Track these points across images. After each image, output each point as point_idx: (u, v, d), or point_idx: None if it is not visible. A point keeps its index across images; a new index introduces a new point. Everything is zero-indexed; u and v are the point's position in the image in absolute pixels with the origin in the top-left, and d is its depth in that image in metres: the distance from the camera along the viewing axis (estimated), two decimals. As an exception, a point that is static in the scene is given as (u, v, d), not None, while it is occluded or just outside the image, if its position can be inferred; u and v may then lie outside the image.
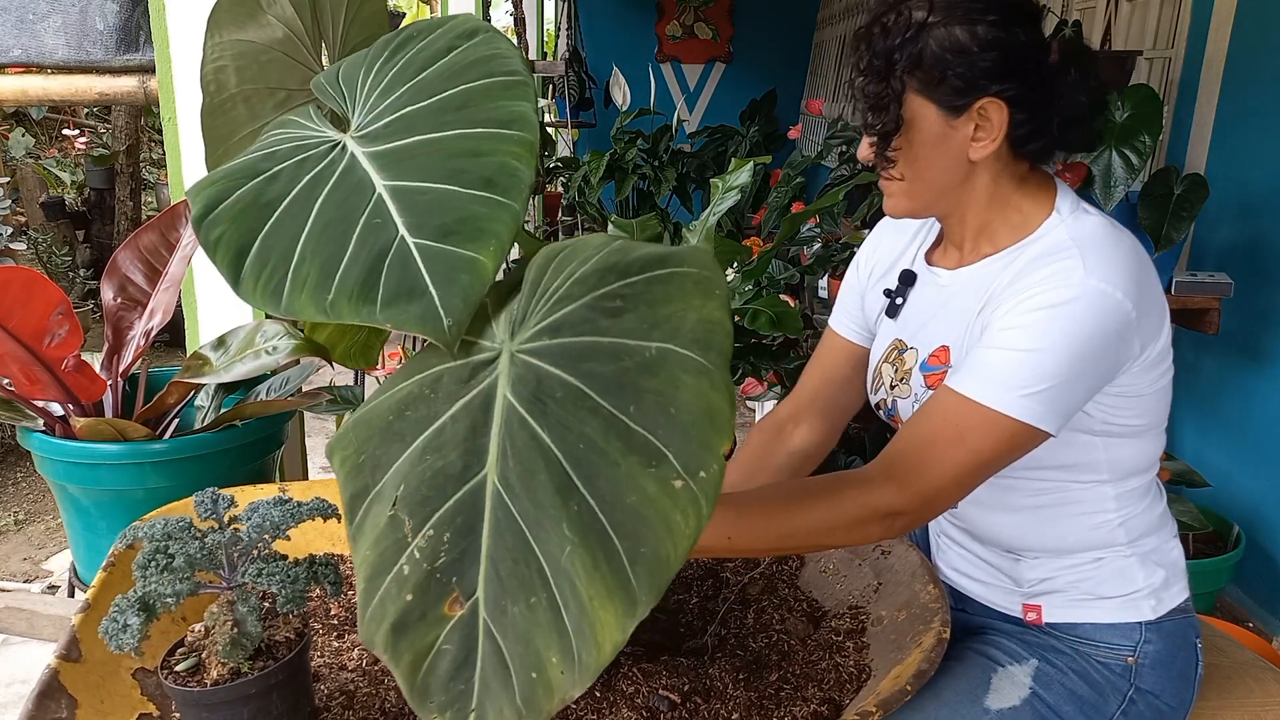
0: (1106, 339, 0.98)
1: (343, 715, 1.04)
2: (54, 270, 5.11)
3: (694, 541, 0.62)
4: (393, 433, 0.74)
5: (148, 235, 1.74)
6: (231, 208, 0.80)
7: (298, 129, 0.89)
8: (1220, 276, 2.33)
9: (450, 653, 0.65)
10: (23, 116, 6.97)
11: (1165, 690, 1.10)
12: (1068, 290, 0.97)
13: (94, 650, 1.03)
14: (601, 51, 6.75)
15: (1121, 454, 1.09)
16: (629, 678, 1.06)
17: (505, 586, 0.65)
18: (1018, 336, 0.97)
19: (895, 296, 1.21)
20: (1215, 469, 2.46)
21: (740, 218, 4.18)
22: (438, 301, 0.72)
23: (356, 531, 0.72)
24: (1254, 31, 2.41)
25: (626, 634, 0.61)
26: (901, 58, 1.00)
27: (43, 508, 3.28)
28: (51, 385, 1.57)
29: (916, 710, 1.03)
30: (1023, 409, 0.96)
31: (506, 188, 0.76)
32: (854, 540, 1.01)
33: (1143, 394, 1.06)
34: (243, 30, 1.15)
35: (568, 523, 0.64)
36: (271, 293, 0.75)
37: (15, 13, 1.99)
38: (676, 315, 0.69)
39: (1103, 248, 1.00)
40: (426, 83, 0.86)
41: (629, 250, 0.75)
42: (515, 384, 0.71)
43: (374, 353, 1.31)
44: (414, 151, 0.81)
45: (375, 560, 0.69)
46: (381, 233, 0.76)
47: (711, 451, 0.64)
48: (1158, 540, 1.13)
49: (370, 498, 0.73)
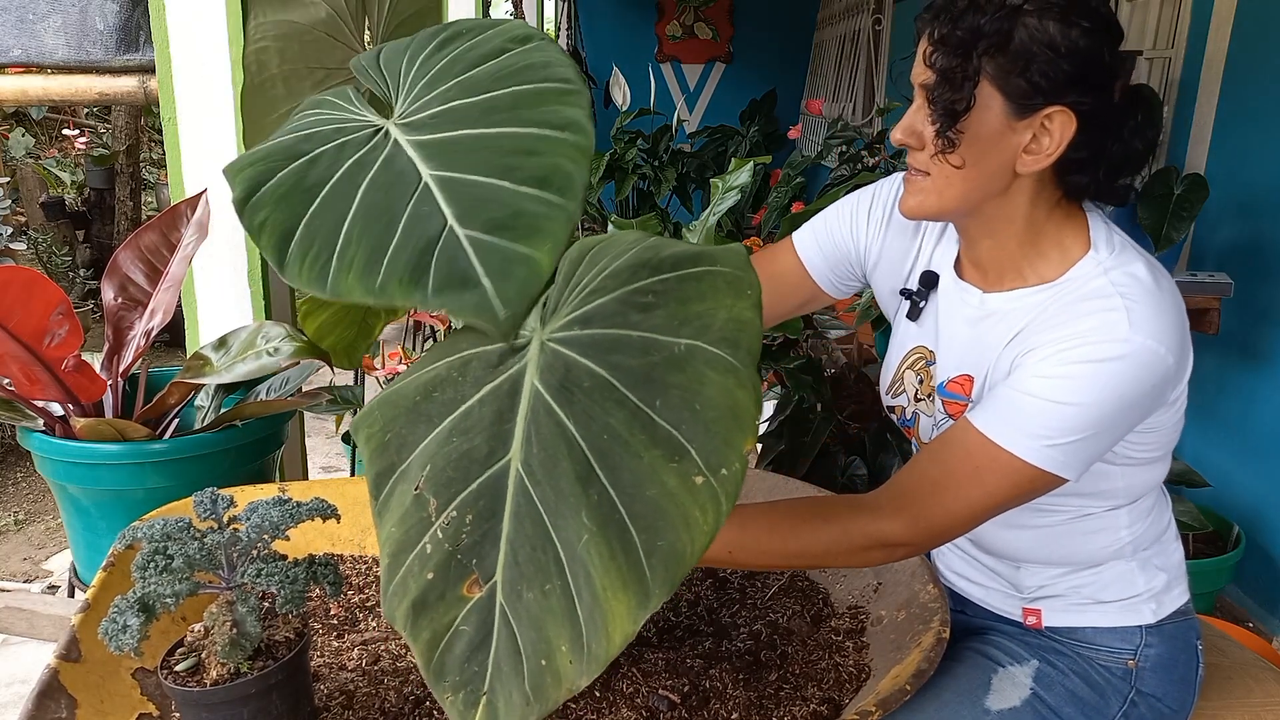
0: (1143, 394, 0.95)
1: (343, 715, 1.04)
2: (54, 270, 5.11)
3: (711, 538, 0.62)
4: (419, 413, 0.75)
5: (148, 235, 1.74)
6: (274, 191, 0.80)
7: (336, 110, 0.89)
8: (1220, 276, 2.33)
9: (467, 634, 0.66)
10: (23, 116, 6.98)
11: (1167, 693, 1.10)
12: (1114, 346, 0.93)
13: (94, 650, 1.03)
14: (601, 51, 6.75)
15: (1137, 480, 1.08)
16: (628, 678, 1.06)
17: (523, 572, 0.65)
18: (1055, 387, 0.93)
19: (917, 299, 1.16)
20: (1215, 469, 2.46)
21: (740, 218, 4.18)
22: (492, 293, 0.71)
23: (381, 508, 0.73)
24: (1254, 31, 2.41)
25: (637, 626, 0.61)
26: (989, 34, 0.93)
27: (43, 508, 3.28)
28: (51, 385, 1.57)
29: (916, 710, 1.03)
30: (1047, 458, 0.94)
31: (562, 188, 0.76)
32: (854, 563, 1.01)
33: (1163, 427, 1.04)
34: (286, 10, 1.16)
35: (587, 511, 0.64)
36: (318, 275, 0.75)
37: (15, 13, 1.99)
38: (707, 313, 0.69)
39: (1148, 298, 0.95)
40: (476, 80, 0.86)
41: (662, 247, 0.76)
42: (544, 371, 0.71)
43: (358, 353, 1.32)
44: (462, 144, 0.81)
45: (400, 537, 0.70)
46: (429, 221, 0.76)
47: (734, 449, 0.64)
48: (1160, 545, 1.13)
49: (396, 476, 0.73)
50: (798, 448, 1.95)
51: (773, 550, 0.97)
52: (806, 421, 1.96)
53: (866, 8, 5.53)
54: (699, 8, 6.95)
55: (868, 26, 5.50)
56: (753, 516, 0.98)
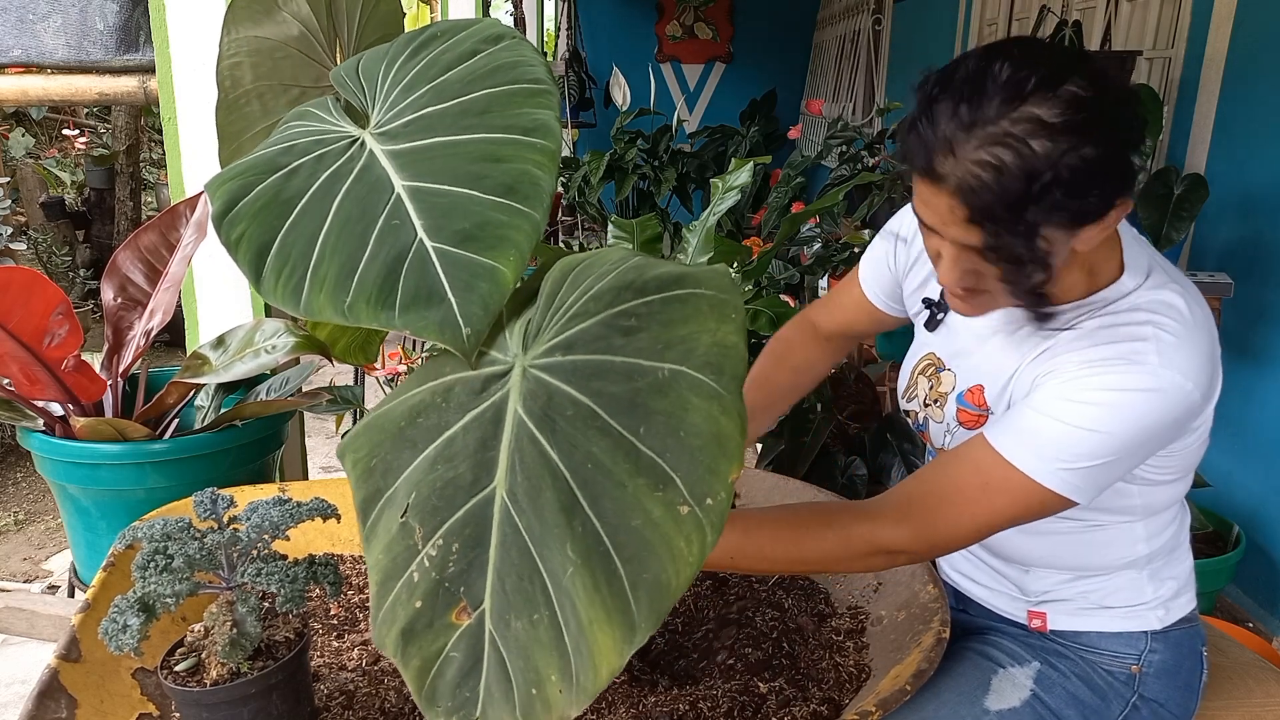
0: (1165, 427, 0.93)
1: (343, 715, 1.04)
2: (54, 270, 5.11)
3: (697, 569, 0.62)
4: (404, 439, 0.74)
5: (148, 235, 1.74)
6: (252, 204, 0.80)
7: (316, 121, 0.89)
8: (1220, 276, 2.33)
9: (458, 660, 0.66)
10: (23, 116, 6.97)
11: (1170, 698, 1.09)
12: (1141, 378, 0.90)
13: (94, 650, 1.03)
14: (601, 51, 6.75)
15: (1156, 498, 1.06)
16: (628, 699, 1.06)
17: (510, 601, 0.65)
18: (1076, 411, 0.91)
19: (936, 310, 1.15)
20: (1215, 469, 2.46)
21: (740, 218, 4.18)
22: (456, 310, 0.72)
23: (369, 534, 0.73)
24: (1254, 31, 2.41)
25: (623, 660, 0.61)
26: (1032, 200, 0.84)
27: (43, 508, 3.27)
28: (51, 385, 1.57)
29: (916, 710, 1.03)
30: (1060, 481, 0.92)
31: (527, 195, 0.76)
32: (856, 569, 0.99)
33: (1184, 450, 1.02)
34: (259, 26, 1.16)
35: (571, 543, 0.64)
36: (292, 292, 0.76)
37: (15, 13, 1.99)
38: (691, 337, 0.68)
39: (1179, 329, 0.92)
40: (449, 84, 0.86)
41: (646, 268, 0.75)
42: (526, 399, 0.71)
43: (373, 349, 1.32)
44: (434, 153, 0.81)
45: (387, 565, 0.70)
46: (400, 234, 0.76)
47: (719, 478, 0.63)
48: (1173, 555, 1.12)
49: (383, 502, 0.73)
50: (798, 448, 1.95)
51: (775, 556, 0.96)
52: (806, 421, 1.96)
53: (866, 8, 5.54)
54: (699, 8, 6.96)
55: (868, 26, 5.50)
56: (755, 522, 0.97)
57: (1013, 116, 0.84)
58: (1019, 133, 0.83)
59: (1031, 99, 0.84)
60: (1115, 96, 0.87)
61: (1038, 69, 0.85)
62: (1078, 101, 0.84)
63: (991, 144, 0.84)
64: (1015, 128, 0.83)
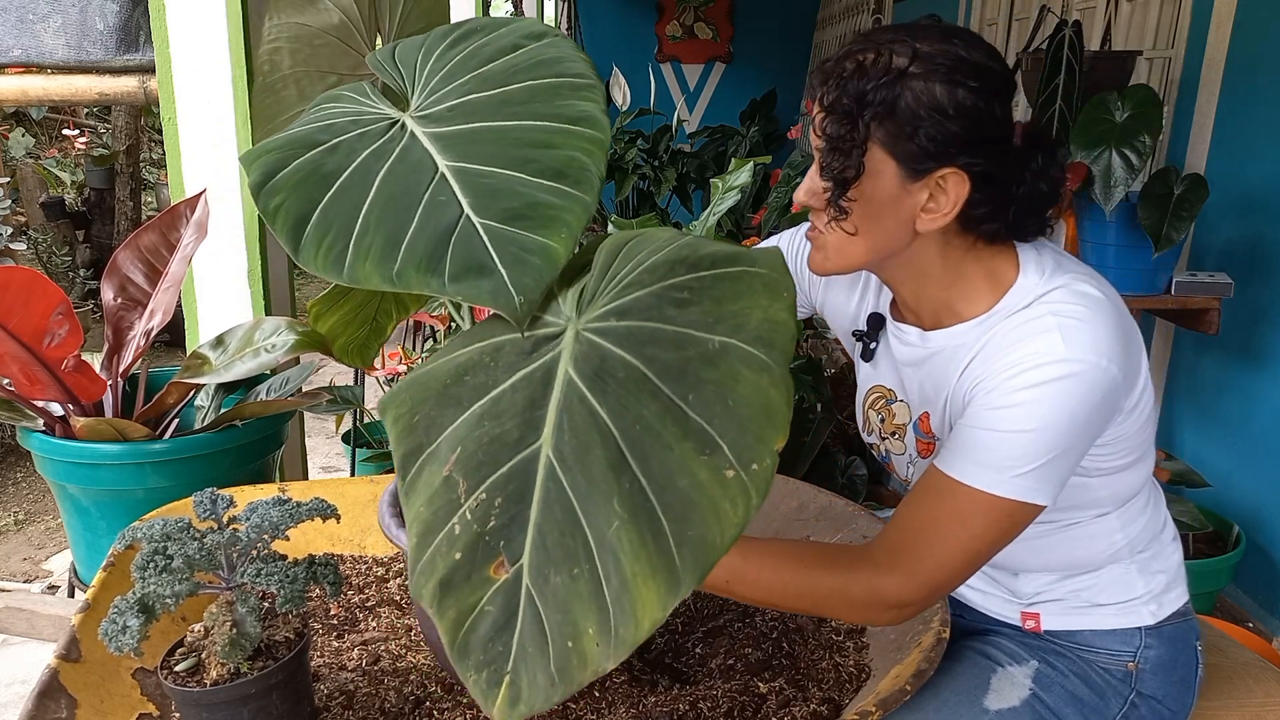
0: (1094, 408, 0.94)
1: (343, 715, 1.04)
2: (54, 270, 5.11)
3: (741, 530, 0.63)
4: (449, 396, 0.75)
5: (148, 235, 1.74)
6: (290, 177, 0.81)
7: (353, 104, 0.90)
8: (1220, 276, 2.33)
9: (492, 614, 0.66)
10: (23, 116, 6.98)
11: (1167, 694, 1.10)
12: (1053, 367, 0.93)
13: (94, 650, 1.03)
14: (601, 51, 6.75)
15: (1119, 486, 1.07)
16: (628, 699, 1.06)
17: (550, 556, 0.65)
18: (1006, 417, 0.94)
19: (868, 341, 1.17)
20: (1215, 469, 2.46)
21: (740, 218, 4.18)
22: (508, 280, 0.73)
23: (409, 489, 0.73)
24: (1254, 31, 2.41)
25: (666, 612, 0.62)
26: (874, 102, 0.92)
27: (43, 508, 3.28)
28: (51, 385, 1.57)
29: (915, 710, 1.03)
30: (1018, 489, 0.93)
31: (578, 180, 0.78)
32: (855, 619, 0.99)
33: (1127, 434, 1.03)
34: (301, 13, 1.18)
35: (619, 499, 0.65)
36: (334, 261, 0.77)
37: (15, 13, 1.99)
38: (742, 312, 0.70)
39: (1082, 313, 0.95)
40: (491, 74, 0.87)
41: (700, 246, 0.77)
42: (578, 360, 0.72)
43: (371, 352, 1.32)
44: (478, 137, 0.82)
45: (429, 517, 0.70)
46: (445, 210, 0.77)
47: (766, 445, 0.64)
48: (1159, 546, 1.13)
49: (424, 457, 0.73)
50: (798, 448, 1.95)
51: (772, 586, 0.96)
52: (807, 421, 1.96)
53: (866, 8, 5.54)
54: (699, 8, 6.96)
55: (868, 26, 5.50)
56: (756, 548, 0.97)
57: (897, 39, 0.94)
58: (894, 48, 0.93)
59: (922, 37, 0.93)
60: (999, 95, 0.94)
61: (954, 36, 0.94)
62: (959, 60, 0.93)
63: (869, 49, 0.94)
64: (894, 45, 0.94)
